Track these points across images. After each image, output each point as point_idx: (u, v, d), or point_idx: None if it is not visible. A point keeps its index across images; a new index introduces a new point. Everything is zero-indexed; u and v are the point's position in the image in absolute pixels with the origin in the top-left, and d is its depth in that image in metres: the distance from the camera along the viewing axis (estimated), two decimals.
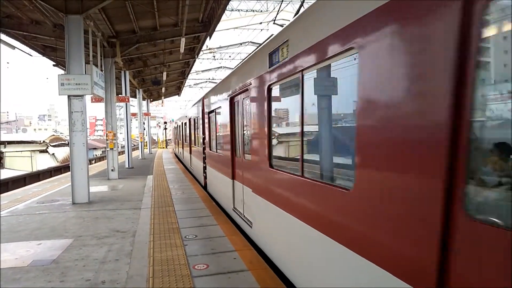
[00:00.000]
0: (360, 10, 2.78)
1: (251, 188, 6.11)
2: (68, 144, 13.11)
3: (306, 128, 4.02)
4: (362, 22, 2.77)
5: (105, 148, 19.30)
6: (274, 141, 5.11)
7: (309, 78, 3.87)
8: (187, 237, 6.41)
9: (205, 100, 11.78)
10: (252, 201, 6.13)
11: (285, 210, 4.49)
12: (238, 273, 4.71)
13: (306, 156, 4.06)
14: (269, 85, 4.92)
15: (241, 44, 25.57)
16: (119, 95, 18.65)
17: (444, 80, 2.04)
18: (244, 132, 6.82)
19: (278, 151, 5.24)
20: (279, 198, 4.75)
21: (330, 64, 3.46)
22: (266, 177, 5.26)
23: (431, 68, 2.15)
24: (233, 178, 7.69)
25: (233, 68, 11.13)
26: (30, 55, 15.31)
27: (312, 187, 3.73)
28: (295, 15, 4.58)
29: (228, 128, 7.86)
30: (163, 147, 53.18)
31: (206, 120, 11.53)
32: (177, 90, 37.00)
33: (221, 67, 33.87)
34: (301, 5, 6.11)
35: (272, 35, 5.36)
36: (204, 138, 12.06)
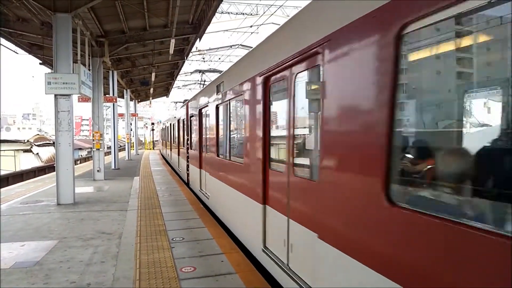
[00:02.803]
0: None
1: (184, 160, 14.20)
2: (53, 143, 12.89)
3: (220, 133, 8.27)
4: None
5: (90, 148, 18.98)
6: (206, 139, 9.97)
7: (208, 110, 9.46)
8: (174, 239, 6.38)
9: (176, 113, 20.69)
10: (183, 162, 14.82)
11: (191, 163, 12.69)
12: (226, 276, 4.70)
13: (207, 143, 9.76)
14: (190, 116, 12.89)
15: (230, 46, 25.60)
16: (107, 95, 18.44)
17: None
18: (194, 135, 12.05)
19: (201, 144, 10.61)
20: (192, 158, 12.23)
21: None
22: (190, 154, 12.86)
23: None
24: (178, 155, 17.07)
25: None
26: (16, 52, 15.02)
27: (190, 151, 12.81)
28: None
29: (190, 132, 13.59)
30: (150, 148, 52.72)
31: (176, 126, 18.79)
32: (166, 91, 36.78)
33: (210, 69, 33.81)
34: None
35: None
36: (172, 137, 21.31)
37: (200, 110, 10.74)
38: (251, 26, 21.70)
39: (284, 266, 4.25)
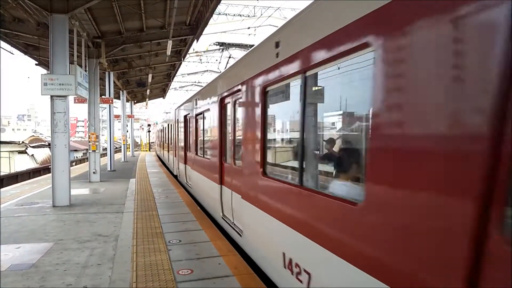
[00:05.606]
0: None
1: (173, 154, 17.86)
2: (48, 145, 12.87)
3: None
4: None
5: (86, 150, 18.88)
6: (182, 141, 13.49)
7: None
8: (171, 242, 6.34)
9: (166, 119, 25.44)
10: (169, 158, 20.63)
11: (175, 156, 16.69)
12: (223, 279, 4.68)
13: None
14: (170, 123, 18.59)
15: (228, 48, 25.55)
16: (103, 96, 18.38)
17: None
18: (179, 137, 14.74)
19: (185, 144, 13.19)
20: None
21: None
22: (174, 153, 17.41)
23: None
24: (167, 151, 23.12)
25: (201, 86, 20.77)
26: (12, 53, 14.97)
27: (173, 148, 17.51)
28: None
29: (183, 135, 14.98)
30: (147, 150, 52.57)
31: (165, 130, 23.33)
32: (162, 93, 36.68)
33: (207, 70, 33.82)
34: None
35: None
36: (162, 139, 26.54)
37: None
38: (248, 28, 21.74)
39: None
